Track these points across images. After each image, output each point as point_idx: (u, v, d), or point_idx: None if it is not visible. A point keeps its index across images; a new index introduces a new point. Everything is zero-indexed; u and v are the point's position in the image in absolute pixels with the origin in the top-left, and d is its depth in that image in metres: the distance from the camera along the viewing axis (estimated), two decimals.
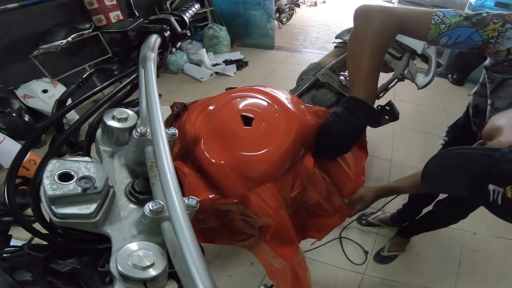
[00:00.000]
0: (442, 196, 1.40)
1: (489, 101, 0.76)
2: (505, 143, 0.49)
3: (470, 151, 0.50)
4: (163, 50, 0.72)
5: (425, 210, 1.54)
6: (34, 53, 2.38)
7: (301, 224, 0.82)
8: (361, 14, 0.72)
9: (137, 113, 0.50)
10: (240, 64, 4.03)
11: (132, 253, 0.34)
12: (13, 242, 0.52)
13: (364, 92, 0.69)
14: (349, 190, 0.85)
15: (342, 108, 0.71)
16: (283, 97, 0.77)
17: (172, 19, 0.73)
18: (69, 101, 0.59)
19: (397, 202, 1.78)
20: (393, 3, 5.26)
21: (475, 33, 0.64)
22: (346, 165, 0.83)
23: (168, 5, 3.56)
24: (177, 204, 0.32)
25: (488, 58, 0.75)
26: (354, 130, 0.70)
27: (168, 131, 0.46)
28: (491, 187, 0.45)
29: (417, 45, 1.76)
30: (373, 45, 0.68)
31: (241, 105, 0.71)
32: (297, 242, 0.70)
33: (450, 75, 3.72)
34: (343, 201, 0.87)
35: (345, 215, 0.87)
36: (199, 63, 3.92)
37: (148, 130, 0.43)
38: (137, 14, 0.71)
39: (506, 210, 0.45)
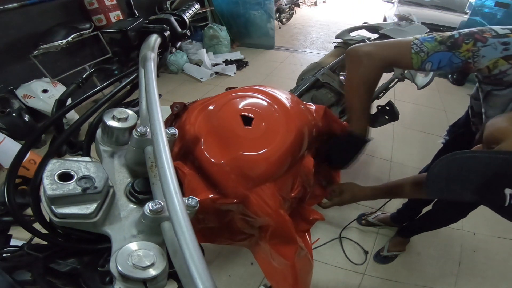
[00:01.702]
0: None
1: (483, 110, 0.78)
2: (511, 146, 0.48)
3: (480, 155, 0.49)
4: (163, 50, 0.72)
5: (425, 210, 1.54)
6: (34, 53, 2.38)
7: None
8: (351, 58, 0.82)
9: (137, 113, 0.50)
10: (240, 64, 4.04)
11: (132, 253, 0.34)
12: (13, 242, 0.52)
13: (358, 128, 0.84)
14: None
15: (343, 140, 0.86)
16: (283, 97, 0.77)
17: (172, 19, 0.73)
18: (69, 101, 0.59)
19: (397, 202, 1.78)
20: (393, 3, 5.26)
21: (453, 56, 0.67)
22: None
23: (168, 5, 3.56)
24: (177, 204, 0.32)
25: None
26: (351, 154, 0.87)
27: (168, 131, 0.46)
28: (507, 191, 0.44)
29: None
30: (361, 90, 0.80)
31: (241, 105, 0.71)
32: (298, 241, 0.70)
33: (450, 75, 3.72)
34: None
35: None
36: (199, 63, 3.92)
37: (148, 130, 0.43)
38: (137, 14, 0.71)
39: None
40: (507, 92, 0.66)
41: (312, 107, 0.84)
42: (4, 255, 0.46)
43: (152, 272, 0.33)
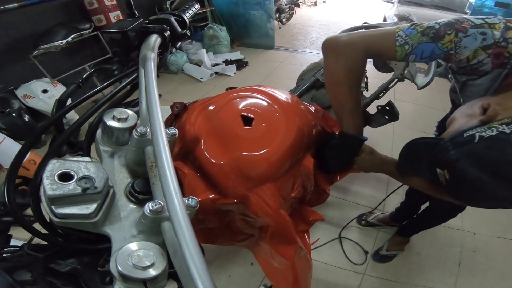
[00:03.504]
0: None
1: (461, 100, 0.79)
2: (450, 132, 0.57)
3: (426, 140, 0.61)
4: (163, 50, 0.72)
5: (424, 209, 1.54)
6: (34, 53, 2.38)
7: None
8: (329, 50, 0.75)
9: (137, 113, 0.50)
10: (240, 64, 4.04)
11: (132, 253, 0.34)
12: (13, 242, 0.52)
13: (352, 127, 0.78)
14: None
15: (336, 142, 0.81)
16: (283, 97, 0.77)
17: (172, 19, 0.73)
18: (69, 101, 0.59)
19: (396, 202, 1.78)
20: (393, 3, 5.26)
21: (435, 47, 0.66)
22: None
23: (168, 5, 3.56)
24: (177, 204, 0.32)
25: None
26: (348, 158, 0.82)
27: (168, 131, 0.46)
28: (438, 170, 0.54)
29: None
30: (348, 83, 0.73)
31: (241, 105, 0.71)
32: (298, 241, 0.70)
33: (449, 75, 3.72)
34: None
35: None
36: (199, 63, 3.92)
37: (148, 130, 0.43)
38: (137, 14, 0.71)
39: (448, 189, 0.54)
40: (481, 81, 0.67)
41: (312, 108, 0.84)
42: (4, 255, 0.46)
43: (152, 272, 0.33)
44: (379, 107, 1.55)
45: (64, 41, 2.42)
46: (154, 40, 0.63)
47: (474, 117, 0.58)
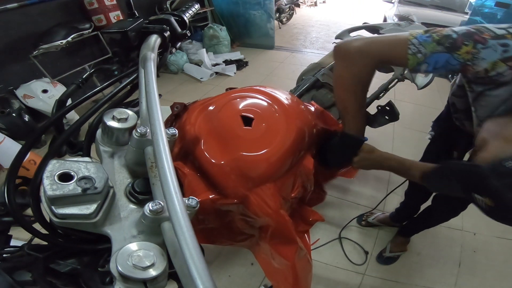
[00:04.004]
0: None
1: (472, 108, 0.77)
2: (487, 158, 0.55)
3: (459, 166, 0.61)
4: (163, 50, 0.72)
5: (423, 208, 1.54)
6: (34, 53, 2.38)
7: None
8: (341, 56, 0.75)
9: (137, 113, 0.50)
10: (240, 64, 4.03)
11: (132, 253, 0.34)
12: (13, 242, 0.52)
13: (354, 129, 0.79)
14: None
15: (338, 141, 0.83)
16: (283, 97, 0.77)
17: (172, 19, 0.73)
18: (69, 101, 0.59)
19: (396, 202, 1.78)
20: (393, 3, 5.26)
21: (451, 57, 0.64)
22: None
23: (168, 5, 3.56)
24: (177, 204, 0.32)
25: None
26: (348, 157, 0.84)
27: (168, 131, 0.46)
28: (476, 196, 0.55)
29: None
30: (356, 89, 0.74)
31: (241, 105, 0.72)
32: (298, 241, 0.70)
33: (450, 75, 3.72)
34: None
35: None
36: (199, 63, 3.92)
37: (148, 130, 0.43)
38: (137, 14, 0.71)
39: (490, 214, 0.55)
40: (500, 92, 0.65)
41: (312, 108, 0.84)
42: (4, 255, 0.46)
43: (152, 272, 0.33)
44: (379, 107, 1.55)
45: (64, 41, 2.42)
46: (154, 40, 0.63)
47: (510, 141, 0.56)
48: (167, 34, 0.69)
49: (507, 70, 0.60)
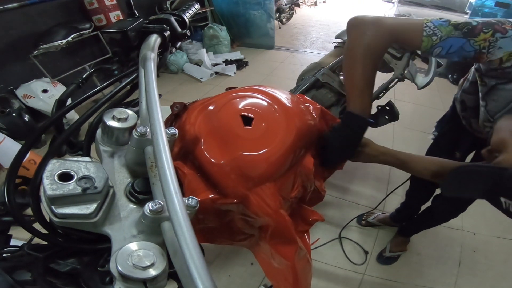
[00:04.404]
0: (439, 191, 1.41)
1: (482, 103, 0.77)
2: (508, 160, 0.55)
3: (481, 169, 0.57)
4: (163, 50, 0.72)
5: (423, 208, 1.54)
6: (34, 53, 2.38)
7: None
8: (354, 27, 0.73)
9: (137, 113, 0.50)
10: (240, 64, 4.03)
11: (132, 253, 0.34)
12: (13, 242, 0.52)
13: (359, 107, 0.73)
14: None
15: (340, 122, 0.77)
16: (283, 97, 0.77)
17: (172, 19, 0.73)
18: (69, 101, 0.59)
19: (396, 202, 1.78)
20: (393, 3, 5.26)
21: (467, 43, 0.64)
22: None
23: (168, 5, 3.56)
24: (177, 204, 0.32)
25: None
26: (351, 142, 0.76)
27: (168, 131, 0.46)
28: (502, 199, 0.53)
29: None
30: (365, 62, 0.70)
31: (241, 105, 0.71)
32: (298, 241, 0.70)
33: (450, 75, 3.72)
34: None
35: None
36: (199, 63, 3.92)
37: (148, 130, 0.43)
38: (137, 14, 0.71)
39: None
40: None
41: (311, 107, 0.83)
42: (4, 255, 0.46)
43: (152, 272, 0.33)
44: (379, 107, 1.55)
45: (64, 41, 2.42)
46: (154, 40, 0.63)
47: None
48: (167, 34, 0.69)
49: None
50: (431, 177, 0.76)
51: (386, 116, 1.56)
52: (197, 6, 0.91)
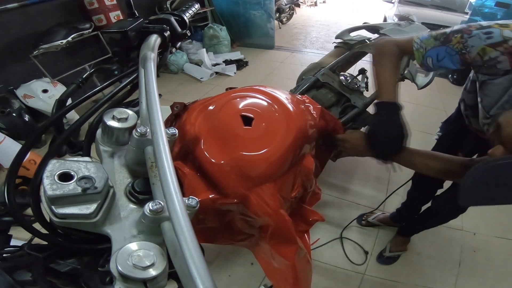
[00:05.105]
0: (439, 192, 1.41)
1: (479, 99, 0.82)
2: None
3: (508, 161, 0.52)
4: (163, 50, 0.72)
5: (426, 209, 1.54)
6: (34, 53, 2.37)
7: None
8: (378, 45, 0.95)
9: (137, 113, 0.50)
10: (240, 64, 4.03)
11: (132, 253, 0.34)
12: (13, 242, 0.52)
13: (388, 96, 0.87)
14: None
15: (376, 112, 0.88)
16: (283, 97, 0.77)
17: (172, 19, 0.73)
18: (69, 101, 0.59)
19: (396, 202, 1.78)
20: (393, 2, 5.26)
21: (448, 48, 0.76)
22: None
23: (168, 5, 3.56)
24: (177, 204, 0.32)
25: None
26: (393, 123, 0.84)
27: (168, 131, 0.46)
28: None
29: None
30: (381, 63, 0.91)
31: (241, 105, 0.72)
32: (298, 241, 0.70)
33: (450, 75, 3.72)
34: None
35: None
36: (199, 63, 3.92)
37: (148, 130, 0.43)
38: (137, 14, 0.71)
39: None
40: (501, 81, 0.71)
41: (311, 107, 0.83)
42: (4, 255, 0.46)
43: (152, 272, 0.33)
44: None
45: (64, 41, 2.42)
46: (154, 40, 0.63)
47: None
48: (167, 34, 0.69)
49: (499, 55, 0.68)
50: (437, 173, 0.80)
51: None
52: (197, 6, 0.91)
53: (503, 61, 0.68)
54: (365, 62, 2.44)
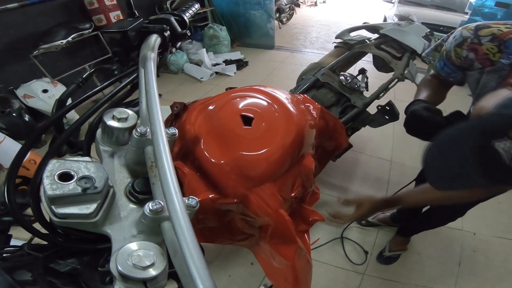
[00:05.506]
0: None
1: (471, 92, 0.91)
2: (487, 107, 0.50)
3: (460, 126, 0.51)
4: (163, 50, 0.72)
5: (423, 212, 1.54)
6: (34, 53, 2.38)
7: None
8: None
9: (137, 113, 0.50)
10: (240, 64, 4.03)
11: (132, 253, 0.34)
12: (13, 242, 0.52)
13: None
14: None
15: (411, 110, 0.94)
16: (283, 97, 0.77)
17: (172, 19, 0.73)
18: (69, 101, 0.59)
19: None
20: (393, 3, 5.26)
21: (441, 56, 0.88)
22: None
23: (168, 5, 3.56)
24: (177, 204, 0.32)
25: None
26: (428, 121, 0.85)
27: (168, 131, 0.46)
28: (498, 144, 0.45)
29: (417, 45, 1.76)
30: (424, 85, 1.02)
31: (241, 105, 0.72)
32: (298, 241, 0.70)
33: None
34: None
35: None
36: (199, 63, 3.92)
37: (148, 130, 0.43)
38: (137, 14, 0.71)
39: None
40: (473, 73, 0.79)
41: (311, 107, 0.83)
42: (4, 255, 0.46)
43: (152, 272, 0.33)
44: (379, 107, 1.55)
45: (64, 41, 2.42)
46: (154, 40, 0.63)
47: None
48: (167, 33, 0.69)
49: (467, 52, 0.77)
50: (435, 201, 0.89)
51: (386, 116, 1.56)
52: (197, 6, 0.91)
53: (472, 58, 0.76)
54: (365, 62, 2.44)
